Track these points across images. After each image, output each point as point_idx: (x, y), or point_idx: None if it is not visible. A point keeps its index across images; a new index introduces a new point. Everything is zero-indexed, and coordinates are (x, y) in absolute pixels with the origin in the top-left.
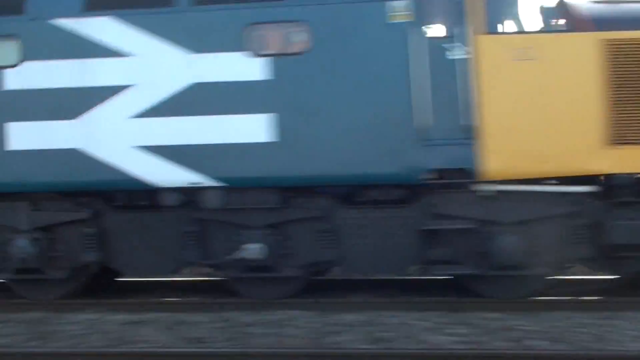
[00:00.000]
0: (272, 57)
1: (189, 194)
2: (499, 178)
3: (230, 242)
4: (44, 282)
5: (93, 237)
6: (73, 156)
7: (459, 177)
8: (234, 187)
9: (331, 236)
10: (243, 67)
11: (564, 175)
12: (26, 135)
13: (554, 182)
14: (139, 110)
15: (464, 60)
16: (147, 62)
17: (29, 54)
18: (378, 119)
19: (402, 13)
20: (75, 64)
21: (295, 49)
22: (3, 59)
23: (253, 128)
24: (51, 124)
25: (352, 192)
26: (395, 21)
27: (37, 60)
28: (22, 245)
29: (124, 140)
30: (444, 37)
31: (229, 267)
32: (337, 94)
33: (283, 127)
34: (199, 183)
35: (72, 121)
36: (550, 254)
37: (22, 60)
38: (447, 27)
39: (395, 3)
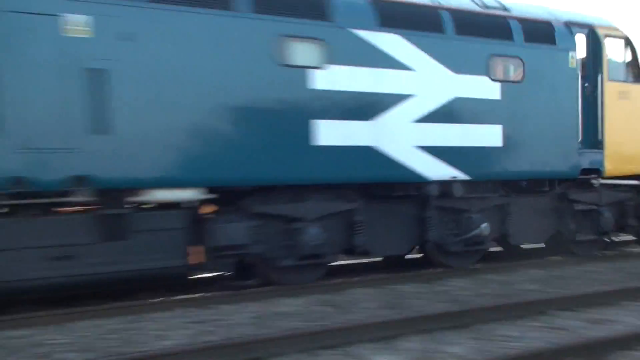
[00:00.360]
0: (502, 82)
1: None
2: (610, 175)
3: (461, 223)
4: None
5: (362, 224)
6: (368, 153)
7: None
8: (469, 181)
9: (506, 215)
10: (486, 88)
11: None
12: (330, 133)
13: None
14: (418, 116)
15: (597, 96)
16: (425, 77)
17: (335, 58)
18: (561, 133)
19: (574, 60)
20: (370, 72)
21: (515, 78)
22: (310, 60)
23: (490, 135)
24: (350, 124)
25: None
26: (572, 67)
27: (341, 65)
28: (314, 234)
29: (406, 140)
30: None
31: (451, 244)
32: (538, 114)
33: (506, 136)
34: (456, 177)
35: (368, 122)
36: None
37: (327, 63)
38: (590, 74)
39: (573, 53)
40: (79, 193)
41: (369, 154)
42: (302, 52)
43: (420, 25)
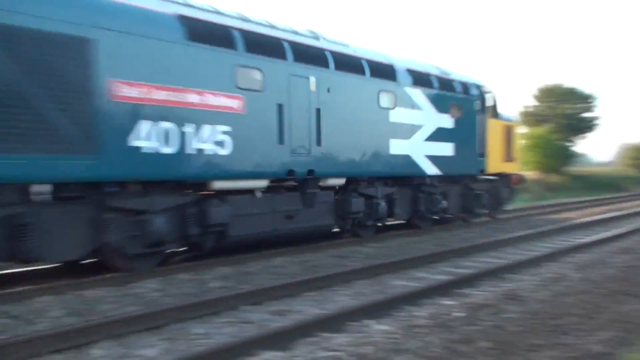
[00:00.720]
0: (454, 118)
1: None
2: (487, 173)
3: (434, 201)
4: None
5: (396, 201)
6: (405, 159)
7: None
8: (439, 175)
9: (446, 197)
10: (448, 121)
11: (498, 172)
12: (396, 146)
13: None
14: (425, 137)
15: (486, 127)
16: (427, 114)
17: (398, 103)
18: (470, 147)
19: (478, 105)
20: (412, 112)
21: (458, 116)
22: (389, 104)
23: (449, 149)
24: (415, 142)
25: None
26: (477, 109)
27: (400, 107)
28: (383, 205)
29: (421, 151)
30: (481, 116)
31: (430, 213)
32: (464, 136)
33: (454, 150)
34: (437, 173)
35: (405, 140)
36: (495, 199)
37: (395, 107)
38: (484, 114)
39: (478, 101)
40: (292, 180)
41: (407, 159)
42: (387, 100)
43: (426, 83)
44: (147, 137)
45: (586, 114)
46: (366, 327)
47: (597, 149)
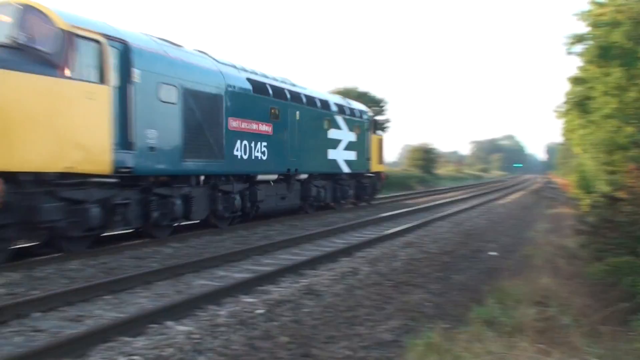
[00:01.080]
0: (356, 134)
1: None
2: (370, 172)
3: (345, 190)
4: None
5: (327, 190)
6: (334, 162)
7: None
8: (348, 173)
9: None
10: (353, 137)
11: (374, 171)
12: (331, 154)
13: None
14: (343, 148)
15: (370, 140)
16: (344, 133)
17: (331, 126)
18: (363, 154)
19: (367, 125)
20: (338, 131)
21: (357, 132)
22: (328, 127)
23: (353, 155)
24: (339, 151)
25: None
26: (365, 129)
27: (333, 129)
28: (324, 191)
29: (341, 157)
30: (367, 132)
31: (343, 198)
32: (361, 147)
33: (356, 155)
34: (349, 171)
35: (334, 150)
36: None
37: (330, 128)
38: (368, 131)
39: (368, 123)
40: (285, 175)
41: (335, 162)
42: (326, 124)
43: (343, 112)
44: (238, 149)
45: (378, 117)
46: (167, 328)
47: (386, 150)
